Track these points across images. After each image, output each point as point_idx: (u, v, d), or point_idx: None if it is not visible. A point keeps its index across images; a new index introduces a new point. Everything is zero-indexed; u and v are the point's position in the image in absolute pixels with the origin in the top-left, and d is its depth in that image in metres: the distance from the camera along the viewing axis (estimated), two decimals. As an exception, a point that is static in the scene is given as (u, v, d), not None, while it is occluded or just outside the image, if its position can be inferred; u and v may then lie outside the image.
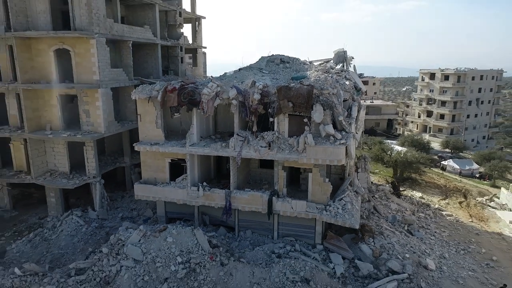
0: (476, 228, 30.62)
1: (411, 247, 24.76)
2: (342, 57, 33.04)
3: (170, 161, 25.00)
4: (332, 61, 33.96)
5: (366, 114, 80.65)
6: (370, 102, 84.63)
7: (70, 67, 26.96)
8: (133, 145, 24.97)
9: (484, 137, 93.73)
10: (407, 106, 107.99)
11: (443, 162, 56.70)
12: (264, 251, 22.29)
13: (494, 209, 35.27)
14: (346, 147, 21.36)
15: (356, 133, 24.45)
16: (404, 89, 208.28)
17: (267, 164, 24.81)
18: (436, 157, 62.59)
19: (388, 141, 60.24)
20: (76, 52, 25.79)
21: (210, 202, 23.88)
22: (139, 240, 20.99)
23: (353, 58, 35.74)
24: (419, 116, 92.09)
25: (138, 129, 25.73)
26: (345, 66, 32.10)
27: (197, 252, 20.62)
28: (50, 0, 25.92)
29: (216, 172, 27.71)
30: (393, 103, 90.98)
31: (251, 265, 20.72)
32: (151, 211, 28.25)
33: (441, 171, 52.88)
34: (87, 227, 26.31)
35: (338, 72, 26.80)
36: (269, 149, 22.23)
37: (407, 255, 23.08)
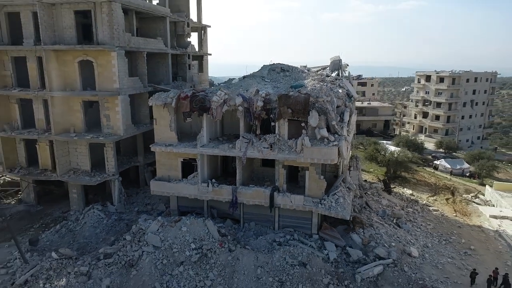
0: (458, 222, 33.59)
1: (398, 237, 27.73)
2: (337, 65, 36.09)
3: (182, 160, 27.95)
4: (328, 68, 37.04)
5: (364, 115, 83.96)
6: (368, 103, 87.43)
7: (90, 76, 29.99)
8: (150, 146, 27.92)
9: (478, 138, 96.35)
10: (405, 107, 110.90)
11: (435, 162, 59.57)
12: (266, 239, 25.30)
13: (478, 205, 38.23)
14: (338, 148, 24.36)
15: (348, 135, 27.46)
16: (404, 89, 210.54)
17: (269, 163, 27.75)
18: (430, 157, 65.60)
19: (384, 141, 63.20)
20: (98, 63, 28.82)
21: (218, 197, 26.88)
22: (158, 229, 24.07)
23: (347, 65, 38.88)
24: (415, 117, 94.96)
25: (150, 131, 28.90)
26: (340, 74, 35.11)
27: (208, 239, 23.68)
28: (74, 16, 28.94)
29: (223, 170, 30.65)
30: (390, 105, 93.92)
31: (255, 251, 23.76)
32: (163, 206, 31.21)
33: (433, 170, 55.78)
34: (108, 219, 29.31)
35: (332, 81, 29.80)
36: (271, 149, 25.22)
37: (393, 244, 26.12)
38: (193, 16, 43.56)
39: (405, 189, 42.41)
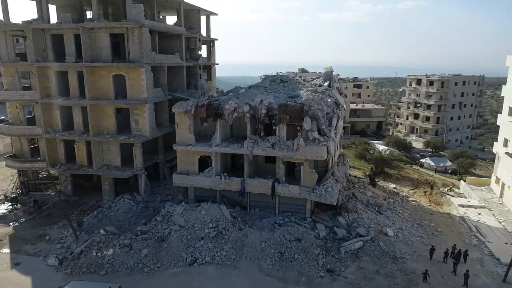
0: (431, 210, 39.47)
1: (377, 221, 33.59)
2: (329, 75, 42.02)
3: (199, 157, 33.75)
4: (321, 78, 42.95)
5: (358, 117, 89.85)
6: (362, 106, 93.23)
7: (120, 87, 35.75)
8: (172, 145, 33.71)
9: (467, 138, 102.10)
10: (399, 108, 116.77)
11: (421, 160, 65.44)
12: (269, 221, 31.14)
13: (451, 196, 44.09)
14: (327, 147, 30.24)
15: (335, 137, 33.34)
16: (401, 89, 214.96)
17: (271, 160, 33.52)
18: (418, 155, 71.52)
19: (375, 141, 69.14)
20: (129, 77, 34.62)
21: (229, 187, 32.70)
22: (182, 212, 29.97)
23: (338, 75, 44.82)
24: (407, 118, 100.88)
25: (169, 133, 34.31)
26: (331, 84, 40.96)
27: (223, 220, 29.57)
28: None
29: (232, 166, 36.43)
30: (382, 107, 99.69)
31: (260, 230, 29.60)
32: (181, 196, 36.95)
33: (418, 168, 61.63)
34: (136, 206, 35.14)
35: (323, 91, 35.65)
36: (273, 148, 31.09)
37: (372, 226, 32.02)
38: (202, 28, 49.30)
39: (390, 183, 48.29)
